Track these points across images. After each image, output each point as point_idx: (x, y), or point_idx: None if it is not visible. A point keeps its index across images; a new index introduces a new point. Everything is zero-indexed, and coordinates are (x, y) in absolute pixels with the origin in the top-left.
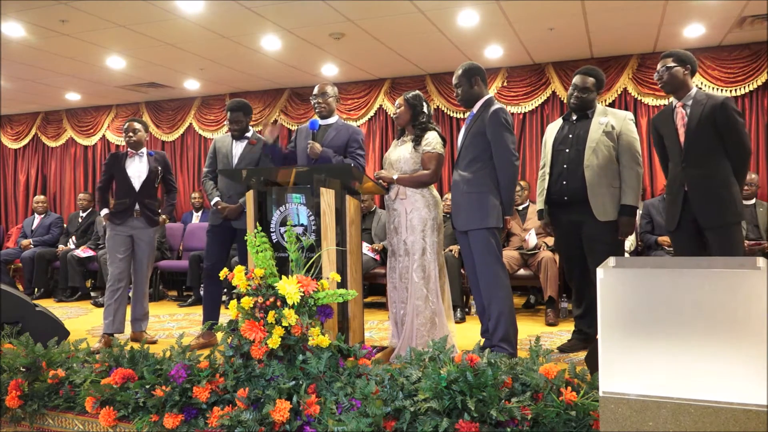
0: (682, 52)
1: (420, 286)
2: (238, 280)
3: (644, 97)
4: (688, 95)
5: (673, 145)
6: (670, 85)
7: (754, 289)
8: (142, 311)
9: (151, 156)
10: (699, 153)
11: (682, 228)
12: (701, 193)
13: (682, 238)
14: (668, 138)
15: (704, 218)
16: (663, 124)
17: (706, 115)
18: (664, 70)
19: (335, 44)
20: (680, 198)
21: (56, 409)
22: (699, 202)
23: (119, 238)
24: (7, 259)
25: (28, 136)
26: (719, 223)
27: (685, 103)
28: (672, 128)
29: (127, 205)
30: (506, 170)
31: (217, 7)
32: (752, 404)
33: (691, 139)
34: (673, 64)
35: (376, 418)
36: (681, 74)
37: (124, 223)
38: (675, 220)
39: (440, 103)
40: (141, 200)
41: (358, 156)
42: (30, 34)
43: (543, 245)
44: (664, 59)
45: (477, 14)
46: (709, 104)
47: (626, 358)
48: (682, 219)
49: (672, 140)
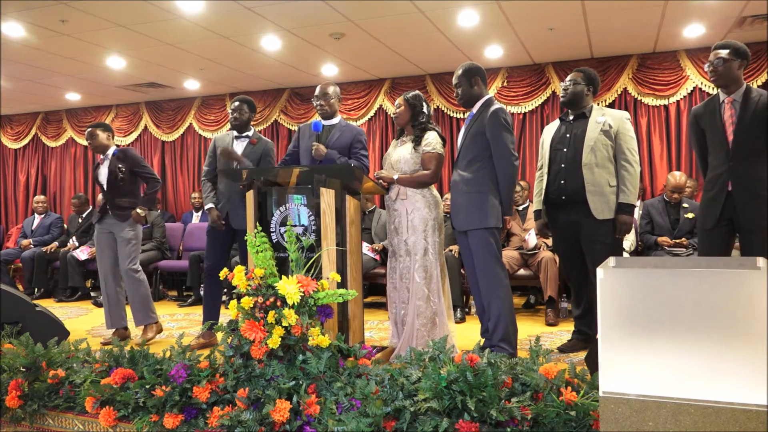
0: (739, 44)
1: (422, 287)
2: (238, 280)
3: (644, 97)
4: (738, 91)
5: (718, 142)
6: (724, 78)
7: (754, 289)
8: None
9: (114, 156)
10: (747, 152)
11: (718, 228)
12: (746, 193)
13: (715, 239)
14: (713, 133)
15: (746, 219)
16: (707, 118)
17: (759, 113)
18: (719, 62)
19: (335, 44)
20: (722, 197)
21: (56, 409)
22: (742, 203)
23: (101, 235)
24: (7, 259)
25: (28, 136)
26: (761, 226)
27: (735, 99)
28: (718, 124)
29: (102, 204)
30: (506, 170)
31: (217, 7)
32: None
33: (740, 137)
34: (730, 57)
35: (376, 418)
36: (736, 68)
37: (102, 221)
38: (713, 219)
39: (440, 103)
40: (111, 200)
41: (362, 157)
42: (30, 34)
43: (543, 245)
44: (718, 50)
45: (477, 14)
46: (761, 102)
47: (626, 358)
48: (719, 219)
49: (717, 136)
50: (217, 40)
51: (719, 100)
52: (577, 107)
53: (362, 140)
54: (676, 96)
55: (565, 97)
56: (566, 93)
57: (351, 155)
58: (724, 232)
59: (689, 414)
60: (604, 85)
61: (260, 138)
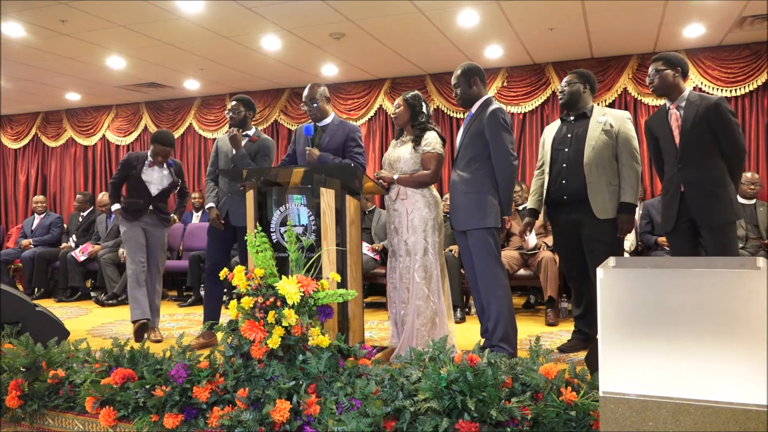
0: (671, 55)
1: (422, 287)
2: (238, 280)
3: (644, 97)
4: (681, 97)
5: (668, 147)
6: (660, 88)
7: (754, 289)
8: (152, 307)
9: (171, 167)
10: (694, 153)
11: (679, 229)
12: (697, 192)
13: (679, 239)
14: (663, 140)
15: (701, 218)
16: (657, 126)
17: (700, 116)
18: (654, 73)
19: (335, 44)
20: (677, 199)
21: (56, 409)
22: (695, 202)
23: (136, 229)
24: (7, 259)
25: (28, 136)
26: (716, 223)
27: (679, 105)
28: (667, 130)
29: (140, 206)
30: (505, 170)
31: (217, 7)
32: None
33: (686, 140)
34: (663, 67)
35: (376, 418)
36: (671, 77)
37: (138, 219)
38: (672, 221)
39: (440, 103)
40: (155, 204)
41: (357, 155)
42: (30, 34)
43: (543, 245)
44: (654, 63)
45: (477, 14)
46: (702, 105)
47: (626, 358)
48: (678, 220)
49: (667, 141)
50: (217, 40)
51: (666, 108)
52: (577, 107)
53: (356, 138)
54: None
55: (563, 99)
56: (563, 94)
57: (345, 154)
58: (686, 232)
59: (689, 414)
60: (604, 85)
61: (261, 135)
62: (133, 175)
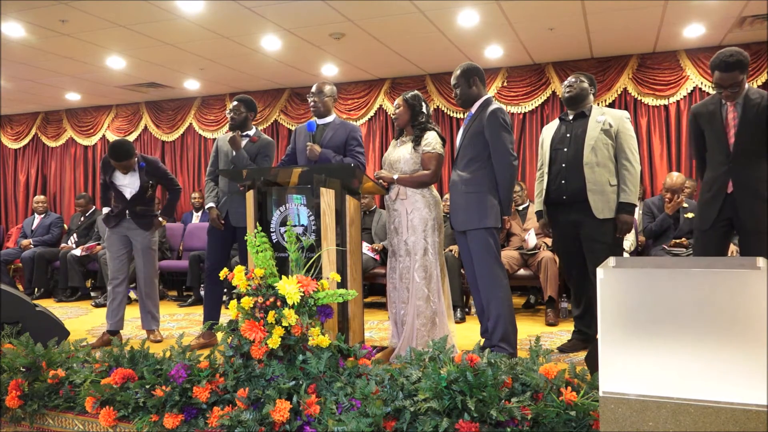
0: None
1: (421, 287)
2: (238, 280)
3: (644, 97)
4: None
5: (718, 143)
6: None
7: (754, 289)
8: (146, 310)
9: (142, 168)
10: (750, 154)
11: (715, 228)
12: (747, 195)
13: (711, 239)
14: (713, 134)
15: (750, 221)
16: (707, 118)
17: (760, 114)
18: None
19: (335, 44)
20: (720, 198)
21: (56, 409)
22: (744, 205)
23: (114, 237)
24: (7, 259)
25: (28, 136)
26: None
27: (737, 101)
28: (719, 125)
29: (119, 210)
30: (504, 170)
31: (217, 7)
32: (752, 404)
33: (742, 138)
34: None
35: (376, 418)
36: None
37: (119, 225)
38: (710, 219)
39: (440, 103)
40: (132, 208)
41: (358, 154)
42: (30, 34)
43: (543, 245)
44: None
45: (477, 14)
46: (763, 103)
47: (626, 358)
48: (717, 219)
49: (718, 137)
50: (217, 40)
51: (721, 101)
52: (579, 105)
53: (357, 137)
54: (676, 96)
55: (570, 93)
56: (572, 89)
57: (346, 153)
58: (721, 233)
59: (689, 414)
60: (604, 85)
61: (261, 136)
62: (109, 180)
